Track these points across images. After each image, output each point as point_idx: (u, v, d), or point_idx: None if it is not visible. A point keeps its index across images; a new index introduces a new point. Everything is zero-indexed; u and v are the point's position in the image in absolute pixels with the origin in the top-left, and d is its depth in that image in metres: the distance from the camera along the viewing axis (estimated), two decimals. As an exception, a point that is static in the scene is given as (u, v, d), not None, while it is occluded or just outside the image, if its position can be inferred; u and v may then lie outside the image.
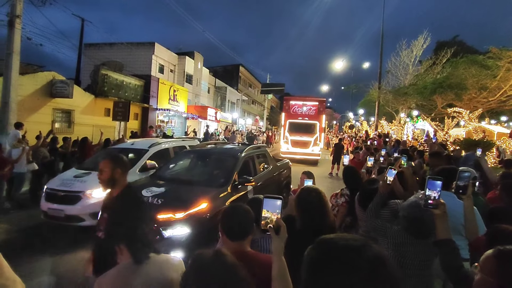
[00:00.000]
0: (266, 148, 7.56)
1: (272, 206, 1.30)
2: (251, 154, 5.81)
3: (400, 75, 22.61)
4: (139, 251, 1.66)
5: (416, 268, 1.92)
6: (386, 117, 24.41)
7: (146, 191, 4.28)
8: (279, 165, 7.04)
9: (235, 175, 4.82)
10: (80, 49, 16.12)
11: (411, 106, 19.83)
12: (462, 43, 29.98)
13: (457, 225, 2.22)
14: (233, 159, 5.24)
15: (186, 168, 5.93)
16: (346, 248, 0.74)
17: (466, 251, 2.27)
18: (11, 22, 8.18)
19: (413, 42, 21.53)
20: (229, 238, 1.65)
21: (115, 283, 1.60)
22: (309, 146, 16.21)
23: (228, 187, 4.54)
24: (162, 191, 4.33)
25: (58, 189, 5.24)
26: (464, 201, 2.02)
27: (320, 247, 0.79)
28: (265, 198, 1.33)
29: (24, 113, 10.63)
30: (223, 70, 39.47)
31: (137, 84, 17.85)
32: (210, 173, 5.36)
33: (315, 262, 0.77)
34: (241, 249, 1.61)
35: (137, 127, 18.06)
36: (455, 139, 12.96)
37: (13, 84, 8.29)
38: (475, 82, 13.82)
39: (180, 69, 24.50)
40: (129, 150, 6.63)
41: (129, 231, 1.75)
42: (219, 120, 27.52)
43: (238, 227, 1.66)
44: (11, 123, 8.16)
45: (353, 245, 0.74)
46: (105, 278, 1.64)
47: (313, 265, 0.77)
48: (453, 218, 1.92)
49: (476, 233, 2.02)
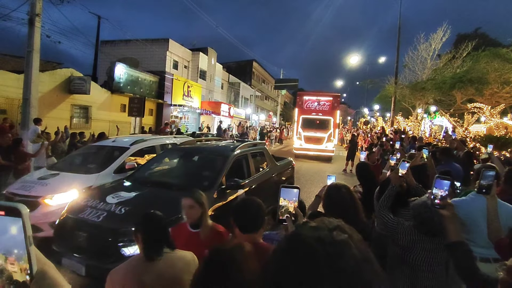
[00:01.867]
0: (265, 145, 6.92)
1: (289, 195, 1.35)
2: (245, 152, 5.11)
3: (418, 70, 21.93)
4: (151, 249, 1.68)
5: (427, 265, 1.89)
6: (403, 113, 23.83)
7: (112, 197, 3.61)
8: (280, 165, 6.37)
9: (223, 178, 4.16)
10: (97, 46, 16.45)
11: (428, 102, 19.28)
12: (485, 35, 28.73)
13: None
14: (222, 159, 4.58)
15: (167, 169, 5.25)
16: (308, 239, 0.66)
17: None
18: (31, 20, 8.40)
19: (431, 35, 20.83)
20: (241, 231, 1.66)
21: (126, 278, 1.62)
22: (323, 142, 15.88)
23: (213, 191, 3.87)
24: (130, 197, 3.67)
25: (15, 193, 4.55)
26: (488, 201, 1.95)
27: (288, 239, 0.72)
28: (282, 187, 1.39)
29: (44, 109, 10.98)
30: (236, 66, 39.46)
31: (152, 80, 18.10)
32: (194, 174, 4.67)
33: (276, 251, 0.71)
34: (253, 241, 1.62)
35: (152, 123, 18.35)
36: (475, 136, 12.52)
37: (34, 81, 8.54)
38: (498, 76, 13.28)
39: (194, 65, 24.65)
40: (107, 148, 5.88)
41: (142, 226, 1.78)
42: (232, 116, 27.61)
43: (250, 220, 1.68)
44: (32, 119, 8.44)
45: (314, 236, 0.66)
46: (117, 272, 1.67)
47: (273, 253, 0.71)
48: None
49: (499, 234, 1.95)
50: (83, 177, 4.93)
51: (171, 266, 1.65)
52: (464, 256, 1.49)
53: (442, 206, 1.50)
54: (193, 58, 24.66)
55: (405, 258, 1.96)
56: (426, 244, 1.90)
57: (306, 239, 0.64)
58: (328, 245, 0.62)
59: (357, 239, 0.66)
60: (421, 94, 18.51)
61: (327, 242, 0.62)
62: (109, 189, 3.98)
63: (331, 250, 0.61)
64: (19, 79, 9.87)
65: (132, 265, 1.67)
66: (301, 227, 0.70)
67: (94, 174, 5.02)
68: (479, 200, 2.18)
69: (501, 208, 2.27)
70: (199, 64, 24.68)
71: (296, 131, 17.35)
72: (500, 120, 13.43)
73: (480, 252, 2.26)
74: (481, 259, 2.24)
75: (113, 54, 18.38)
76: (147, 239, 1.70)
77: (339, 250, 0.61)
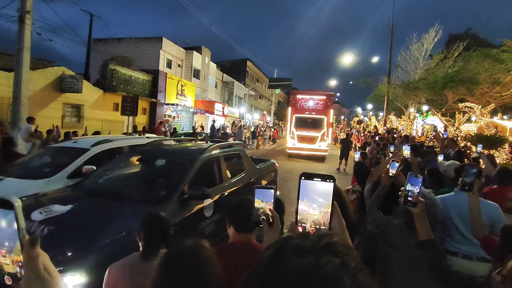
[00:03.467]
0: (243, 146, 6.40)
1: (264, 196, 1.13)
2: (216, 155, 4.39)
3: (410, 69, 22.20)
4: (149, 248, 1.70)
5: (417, 262, 1.93)
6: (395, 112, 24.07)
7: (41, 212, 2.81)
8: (260, 168, 5.69)
9: (185, 186, 3.46)
10: (89, 44, 16.25)
11: (421, 101, 19.50)
12: (475, 36, 29.15)
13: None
14: (186, 163, 3.84)
15: (122, 174, 4.50)
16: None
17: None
18: (22, 17, 8.27)
19: (423, 36, 21.08)
20: (237, 230, 1.65)
21: (120, 276, 1.63)
22: (316, 141, 15.70)
23: (172, 202, 3.21)
24: (63, 211, 2.89)
25: None
26: (470, 198, 2.00)
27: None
28: (256, 188, 1.15)
29: (35, 108, 10.81)
30: (230, 65, 39.36)
31: (145, 79, 17.96)
32: (151, 182, 4.06)
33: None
34: (248, 241, 1.62)
35: (145, 122, 18.22)
36: (466, 135, 12.71)
37: (24, 79, 8.40)
38: (488, 77, 13.49)
39: (187, 64, 24.52)
40: (65, 150, 5.23)
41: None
42: (226, 115, 27.55)
43: (247, 220, 1.66)
44: (23, 118, 8.30)
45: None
46: (114, 268, 1.69)
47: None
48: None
49: (482, 231, 2.00)
50: (29, 184, 4.15)
51: None
52: (435, 254, 1.51)
53: (413, 204, 1.51)
54: (187, 57, 24.53)
55: (397, 256, 1.98)
56: (414, 240, 1.93)
57: (285, 270, 0.49)
58: (314, 283, 0.46)
59: (353, 263, 0.50)
60: (414, 93, 18.72)
61: (313, 278, 0.47)
62: (44, 200, 3.21)
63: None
64: (9, 77, 9.70)
65: (128, 263, 1.69)
66: (281, 249, 0.54)
67: (43, 180, 4.31)
68: (461, 197, 2.23)
69: (482, 205, 2.32)
70: (193, 63, 24.56)
71: (289, 130, 17.23)
72: (490, 119, 13.66)
73: (462, 249, 2.31)
74: (463, 255, 2.29)
75: (105, 53, 18.16)
76: (146, 238, 1.77)
77: (328, 285, 0.46)
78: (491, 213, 2.28)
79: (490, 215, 2.26)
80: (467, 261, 2.27)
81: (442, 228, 2.32)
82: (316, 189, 0.84)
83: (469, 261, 2.26)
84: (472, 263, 2.26)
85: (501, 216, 2.32)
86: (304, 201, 0.85)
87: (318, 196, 0.84)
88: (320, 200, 0.84)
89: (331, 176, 0.85)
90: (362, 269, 0.51)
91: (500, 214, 2.34)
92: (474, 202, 2.00)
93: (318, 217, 0.84)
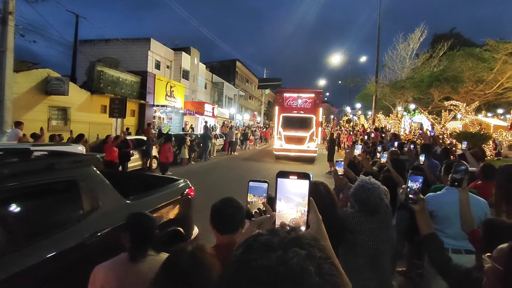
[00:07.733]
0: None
1: (257, 190, 1.11)
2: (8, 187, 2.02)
3: (397, 69, 22.55)
4: (135, 249, 1.67)
5: (374, 242, 2.10)
6: (384, 111, 24.41)
7: None
8: (140, 201, 3.02)
9: None
10: (75, 46, 15.97)
11: (408, 100, 19.82)
12: (459, 35, 29.94)
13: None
14: None
15: None
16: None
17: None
18: (4, 19, 8.08)
19: (410, 35, 21.47)
20: (219, 231, 1.63)
21: (106, 277, 1.61)
22: (305, 142, 14.66)
23: None
24: None
25: None
26: (460, 194, 2.06)
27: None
28: (250, 181, 1.11)
29: (20, 111, 10.56)
30: (219, 66, 39.25)
31: (134, 80, 17.74)
32: None
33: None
34: (233, 241, 1.59)
35: (134, 124, 17.99)
36: (452, 132, 13.00)
37: (8, 82, 8.21)
38: (472, 75, 13.81)
39: (176, 65, 24.34)
40: None
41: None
42: (216, 115, 27.46)
43: (227, 221, 1.63)
44: (7, 121, 8.11)
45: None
46: (100, 269, 1.66)
47: None
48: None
49: (472, 225, 2.06)
50: None
51: (153, 270, 1.64)
52: (436, 247, 1.56)
53: (414, 201, 1.55)
54: (176, 57, 24.34)
55: (356, 241, 2.12)
56: (370, 224, 2.11)
57: (254, 269, 0.50)
58: (282, 278, 0.47)
59: (318, 254, 0.52)
60: (401, 92, 19.01)
61: (280, 273, 0.48)
62: None
63: (282, 283, 0.47)
64: (-9, 80, 9.45)
65: (115, 265, 1.66)
66: (251, 247, 0.54)
67: None
68: (452, 193, 2.33)
69: (478, 201, 2.45)
70: (181, 64, 24.39)
71: (276, 131, 16.28)
72: (474, 117, 14.01)
73: (452, 244, 2.41)
74: (453, 250, 2.38)
75: (92, 54, 17.87)
76: (133, 239, 1.70)
77: (293, 280, 0.47)
78: (486, 208, 2.44)
79: (486, 210, 2.42)
80: (455, 255, 2.34)
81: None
82: (292, 187, 0.84)
83: (459, 255, 2.34)
84: (462, 256, 2.34)
85: (489, 210, 2.47)
86: (281, 201, 0.85)
87: (294, 194, 0.84)
88: (297, 199, 0.84)
89: (306, 174, 0.85)
90: (327, 258, 0.53)
91: (489, 209, 2.48)
92: (464, 197, 2.06)
93: (296, 216, 0.84)
